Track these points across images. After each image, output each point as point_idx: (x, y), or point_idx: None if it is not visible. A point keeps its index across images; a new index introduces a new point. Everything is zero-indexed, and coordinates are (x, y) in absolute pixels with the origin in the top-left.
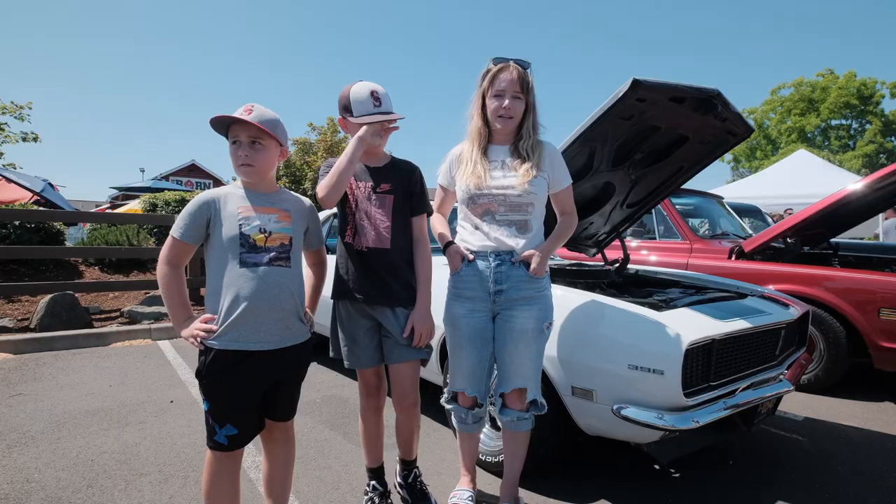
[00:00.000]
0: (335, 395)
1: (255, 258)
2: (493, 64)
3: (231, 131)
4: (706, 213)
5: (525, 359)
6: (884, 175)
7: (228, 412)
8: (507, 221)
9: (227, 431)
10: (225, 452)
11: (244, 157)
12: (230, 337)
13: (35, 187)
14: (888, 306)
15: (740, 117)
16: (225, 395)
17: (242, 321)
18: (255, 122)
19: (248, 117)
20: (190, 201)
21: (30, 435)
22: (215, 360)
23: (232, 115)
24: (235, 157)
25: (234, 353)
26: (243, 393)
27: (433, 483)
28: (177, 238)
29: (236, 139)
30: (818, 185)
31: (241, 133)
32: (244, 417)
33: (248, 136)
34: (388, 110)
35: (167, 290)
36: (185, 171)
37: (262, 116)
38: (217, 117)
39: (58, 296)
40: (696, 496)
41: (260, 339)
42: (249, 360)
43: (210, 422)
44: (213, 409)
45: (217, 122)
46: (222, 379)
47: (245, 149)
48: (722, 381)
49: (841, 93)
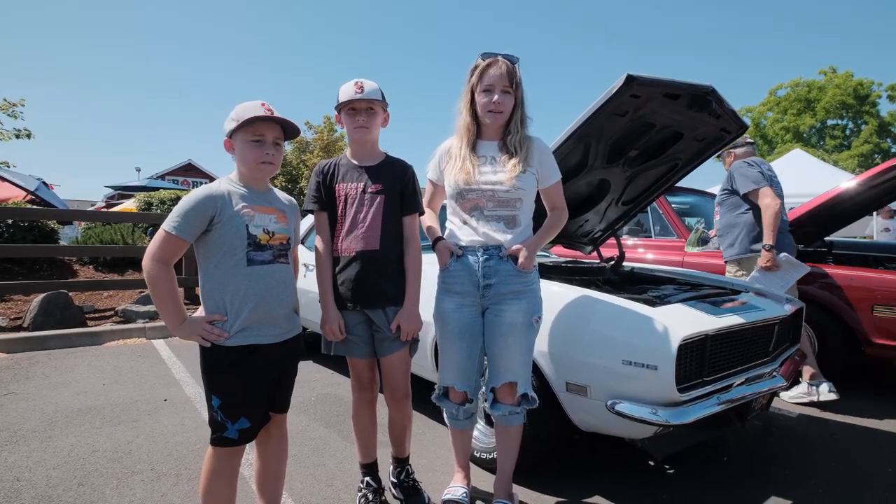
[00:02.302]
0: (330, 393)
1: (261, 256)
2: (482, 59)
3: (255, 129)
4: (702, 211)
5: (515, 353)
6: (877, 173)
7: (242, 405)
8: (495, 217)
9: (241, 425)
10: (228, 450)
11: (269, 155)
12: (242, 333)
13: (29, 186)
14: (882, 303)
15: (734, 114)
16: (238, 388)
17: (254, 317)
18: (287, 122)
19: (274, 118)
20: (188, 195)
21: (21, 434)
22: (227, 354)
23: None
24: (257, 155)
25: (245, 347)
26: (256, 385)
27: (427, 480)
28: (172, 234)
29: (261, 138)
30: (813, 184)
31: (268, 133)
32: (256, 410)
33: (274, 136)
34: (372, 97)
35: (160, 288)
36: (182, 170)
37: (285, 119)
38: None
39: (51, 295)
40: (691, 492)
41: (269, 333)
42: (258, 353)
43: (220, 418)
44: (224, 404)
45: (251, 120)
46: (234, 373)
47: (270, 147)
48: (715, 376)
49: (837, 92)
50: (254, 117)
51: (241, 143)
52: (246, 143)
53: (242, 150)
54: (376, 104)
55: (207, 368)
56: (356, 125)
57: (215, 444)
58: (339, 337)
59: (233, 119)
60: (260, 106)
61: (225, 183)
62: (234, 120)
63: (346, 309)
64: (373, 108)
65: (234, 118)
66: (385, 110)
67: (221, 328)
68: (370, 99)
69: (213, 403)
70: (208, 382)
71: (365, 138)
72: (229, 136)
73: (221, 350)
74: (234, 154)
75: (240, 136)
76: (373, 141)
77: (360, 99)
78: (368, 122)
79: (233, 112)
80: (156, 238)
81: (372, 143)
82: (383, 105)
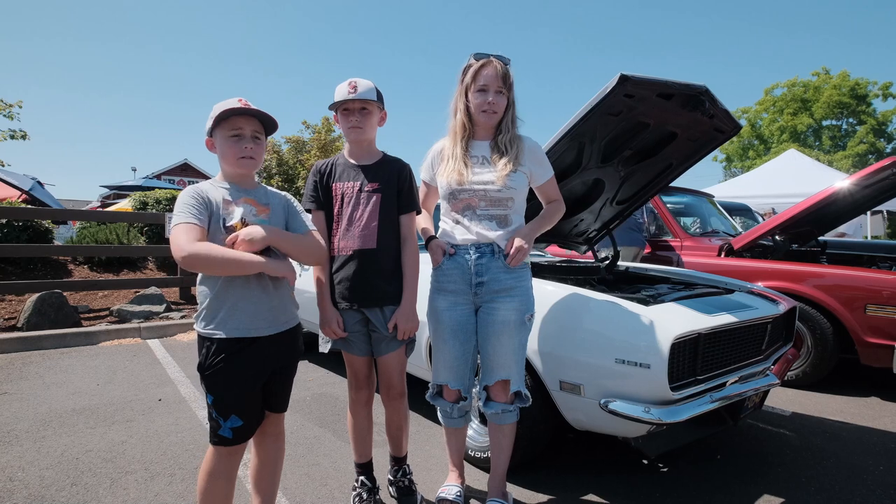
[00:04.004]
0: (326, 392)
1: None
2: (475, 59)
3: (232, 124)
4: (697, 211)
5: (508, 350)
6: (870, 173)
7: (232, 403)
8: (487, 216)
9: (233, 423)
10: (227, 448)
11: (248, 149)
12: (232, 326)
13: (24, 185)
14: (874, 302)
15: (728, 114)
16: (228, 385)
17: (239, 308)
18: (264, 115)
19: (250, 110)
20: (182, 195)
21: (14, 434)
22: (218, 350)
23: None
24: (237, 150)
25: (236, 340)
26: (247, 382)
27: (421, 479)
28: (194, 223)
29: (239, 132)
30: (808, 184)
31: (246, 126)
32: (248, 408)
33: (252, 129)
34: (366, 97)
35: (215, 255)
36: (178, 170)
37: (262, 111)
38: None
39: (45, 294)
40: (684, 490)
41: (259, 326)
42: (251, 347)
43: (214, 416)
44: (217, 401)
45: (226, 113)
46: (224, 369)
47: (249, 142)
48: (708, 374)
49: (834, 92)
50: (229, 110)
51: (221, 140)
52: (225, 140)
53: (222, 146)
54: (371, 104)
55: (200, 365)
56: (350, 125)
57: (213, 443)
58: (338, 335)
59: (213, 117)
60: (237, 101)
61: (207, 184)
62: (211, 117)
63: (343, 308)
64: (367, 108)
65: (212, 115)
66: (381, 109)
67: (212, 318)
68: (364, 99)
69: (208, 401)
70: (203, 379)
71: (360, 138)
72: (209, 135)
73: (214, 346)
74: (216, 152)
75: (219, 133)
76: (369, 140)
77: (353, 99)
78: (362, 122)
79: (212, 111)
80: (176, 234)
81: (368, 143)
82: (378, 104)
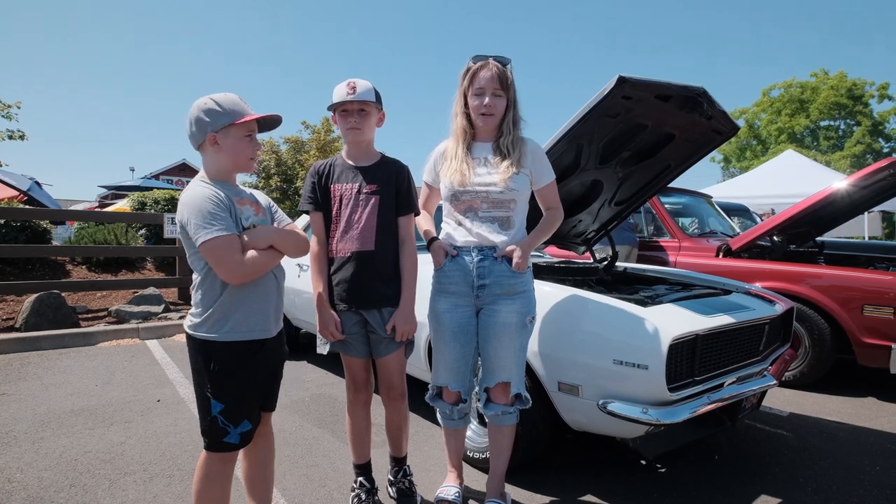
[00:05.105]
0: (324, 393)
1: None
2: (473, 62)
3: (250, 125)
4: (695, 212)
5: (509, 353)
6: (869, 173)
7: (245, 408)
8: (489, 218)
9: (243, 428)
10: (223, 454)
11: (257, 151)
12: (248, 328)
13: (21, 186)
14: (872, 303)
15: (726, 115)
16: (241, 390)
17: (254, 310)
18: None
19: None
20: (201, 201)
21: (12, 435)
22: (233, 355)
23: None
24: (248, 151)
25: (252, 343)
26: (257, 385)
27: (421, 480)
28: (234, 234)
29: (252, 133)
30: (805, 184)
31: (255, 129)
32: (256, 411)
33: (255, 132)
34: (364, 98)
35: (261, 260)
36: (176, 170)
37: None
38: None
39: (44, 295)
40: (682, 491)
41: (271, 326)
42: (261, 349)
43: (221, 423)
44: (228, 408)
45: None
46: (240, 374)
47: (257, 144)
48: (706, 375)
49: (831, 93)
50: (252, 118)
51: (235, 140)
52: (240, 139)
53: (236, 146)
54: (369, 105)
55: (213, 371)
56: (348, 126)
57: (213, 449)
58: (336, 338)
59: (224, 113)
60: (240, 101)
61: (209, 186)
62: (226, 114)
63: (341, 310)
64: (365, 109)
65: (226, 112)
66: (380, 110)
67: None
68: (362, 100)
69: (211, 409)
70: (213, 386)
71: (358, 139)
72: (216, 130)
73: (224, 351)
74: (218, 150)
75: (233, 131)
76: (367, 141)
77: (351, 100)
78: (360, 123)
79: (212, 104)
80: (218, 249)
81: (367, 144)
82: (377, 105)
